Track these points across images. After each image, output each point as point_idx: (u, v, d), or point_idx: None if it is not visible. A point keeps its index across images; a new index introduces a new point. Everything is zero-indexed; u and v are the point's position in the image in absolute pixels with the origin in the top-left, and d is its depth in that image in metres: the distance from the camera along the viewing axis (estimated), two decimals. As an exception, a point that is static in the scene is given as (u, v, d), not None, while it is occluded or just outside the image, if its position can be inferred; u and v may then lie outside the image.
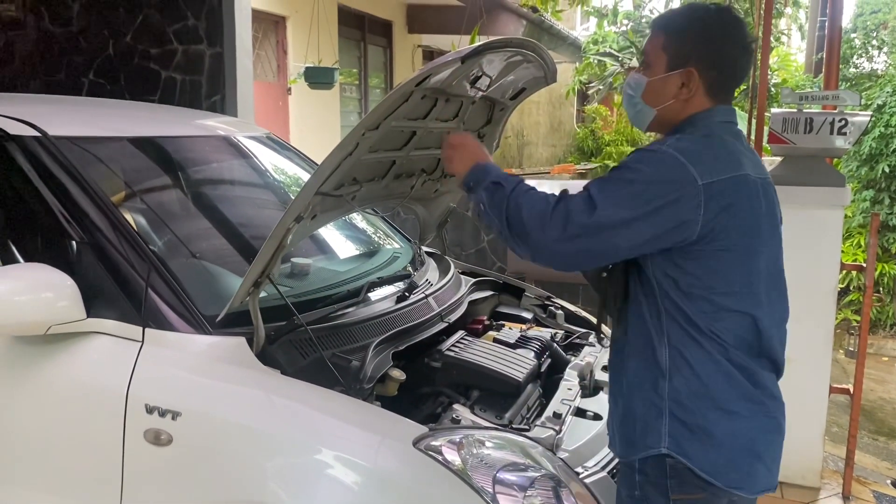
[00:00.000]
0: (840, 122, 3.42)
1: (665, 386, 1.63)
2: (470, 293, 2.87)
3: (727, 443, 1.61)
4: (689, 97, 1.68)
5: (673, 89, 1.68)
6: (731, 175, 1.58)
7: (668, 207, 1.53)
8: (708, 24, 1.69)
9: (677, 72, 1.67)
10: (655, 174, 1.55)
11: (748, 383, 1.62)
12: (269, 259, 1.89)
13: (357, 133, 1.87)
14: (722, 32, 1.68)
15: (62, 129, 2.21)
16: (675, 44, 1.68)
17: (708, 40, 1.67)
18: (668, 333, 1.63)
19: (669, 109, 1.71)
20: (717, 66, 1.67)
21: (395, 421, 1.81)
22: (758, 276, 1.64)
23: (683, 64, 1.66)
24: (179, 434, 1.83)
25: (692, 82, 1.66)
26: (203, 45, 4.54)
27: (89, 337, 1.96)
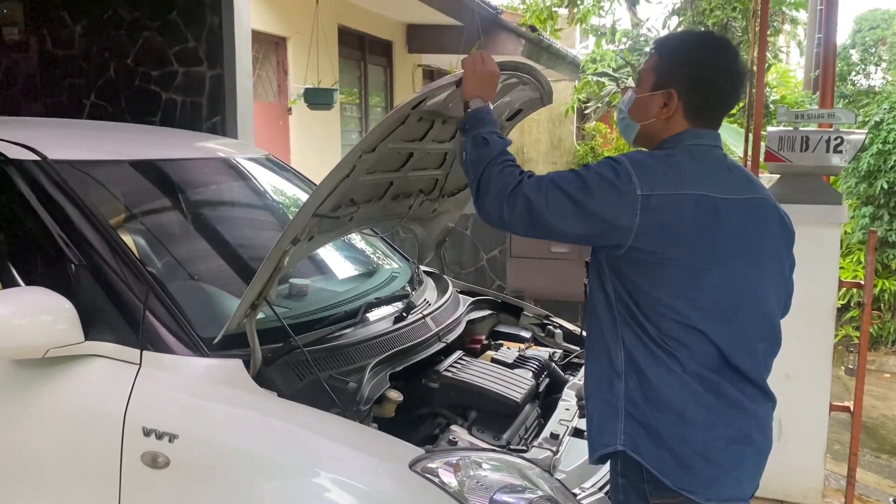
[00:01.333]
0: (836, 140, 3.44)
1: (620, 387, 1.69)
2: (468, 313, 2.87)
3: (676, 446, 1.64)
4: (669, 117, 1.75)
5: (655, 108, 1.75)
6: (674, 192, 1.63)
7: (606, 211, 1.62)
8: (694, 50, 1.76)
9: (659, 92, 1.74)
10: (604, 179, 1.64)
11: (707, 393, 1.66)
12: (265, 281, 1.90)
13: (354, 155, 1.89)
14: (707, 58, 1.74)
15: (61, 153, 2.22)
16: (663, 65, 1.76)
17: (691, 64, 1.73)
18: (623, 337, 1.69)
19: (652, 127, 1.78)
20: (698, 91, 1.73)
21: (392, 443, 1.81)
22: (707, 292, 1.66)
23: (666, 85, 1.73)
24: (176, 457, 1.83)
25: (672, 103, 1.73)
26: (203, 66, 4.58)
27: (87, 360, 1.96)
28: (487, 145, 1.78)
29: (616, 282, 1.70)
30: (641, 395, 1.67)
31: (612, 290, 1.72)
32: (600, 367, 1.74)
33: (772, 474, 3.59)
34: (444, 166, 2.74)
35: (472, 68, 1.91)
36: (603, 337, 1.73)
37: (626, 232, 1.62)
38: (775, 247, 1.77)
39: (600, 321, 1.74)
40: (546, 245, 3.90)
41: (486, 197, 1.73)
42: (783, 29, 11.21)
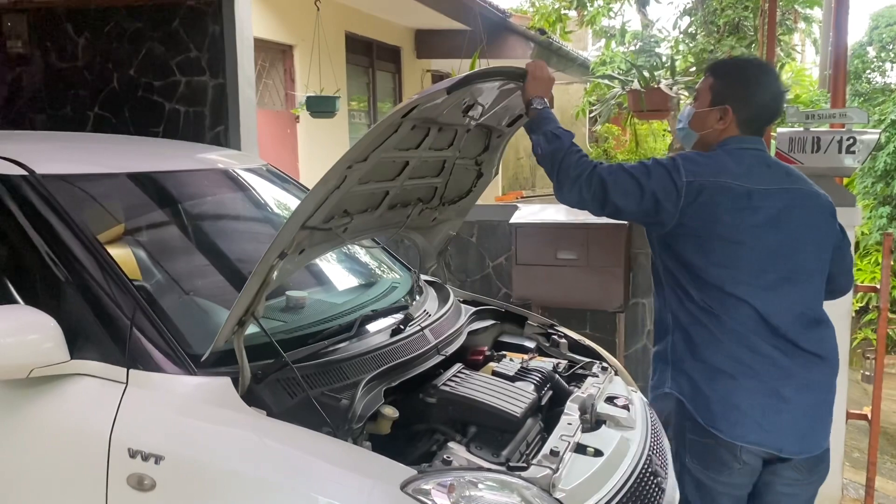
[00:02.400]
0: (848, 141, 3.35)
1: (669, 341, 2.20)
2: (469, 323, 2.81)
3: (707, 391, 2.09)
4: (724, 128, 2.19)
5: (712, 121, 2.20)
6: (713, 180, 2.09)
7: (660, 191, 2.09)
8: (746, 74, 2.21)
9: (717, 108, 2.18)
10: (662, 165, 2.11)
11: (742, 348, 2.06)
12: (252, 297, 1.85)
13: (341, 166, 1.83)
14: (757, 81, 2.18)
15: (50, 168, 2.18)
16: (719, 85, 2.19)
17: (744, 86, 2.17)
18: (670, 301, 2.19)
19: (708, 135, 2.23)
20: (749, 107, 2.17)
21: (383, 463, 1.75)
22: (744, 263, 2.07)
23: (722, 102, 2.17)
24: (163, 479, 1.77)
25: (727, 117, 2.17)
26: (206, 76, 4.56)
27: (73, 379, 1.92)
28: (559, 139, 2.18)
29: (665, 255, 2.18)
30: (684, 348, 2.14)
31: (661, 263, 2.21)
32: (658, 325, 2.27)
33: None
34: (442, 174, 2.68)
35: (534, 73, 2.25)
36: (658, 301, 2.26)
37: (672, 210, 2.08)
38: (813, 230, 2.15)
39: (658, 289, 2.26)
40: (552, 252, 3.82)
41: (566, 182, 2.16)
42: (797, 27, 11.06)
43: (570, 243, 3.78)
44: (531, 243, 3.86)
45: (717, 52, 9.09)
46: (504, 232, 4.12)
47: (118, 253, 2.14)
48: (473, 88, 2.10)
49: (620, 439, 2.26)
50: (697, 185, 2.07)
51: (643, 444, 2.31)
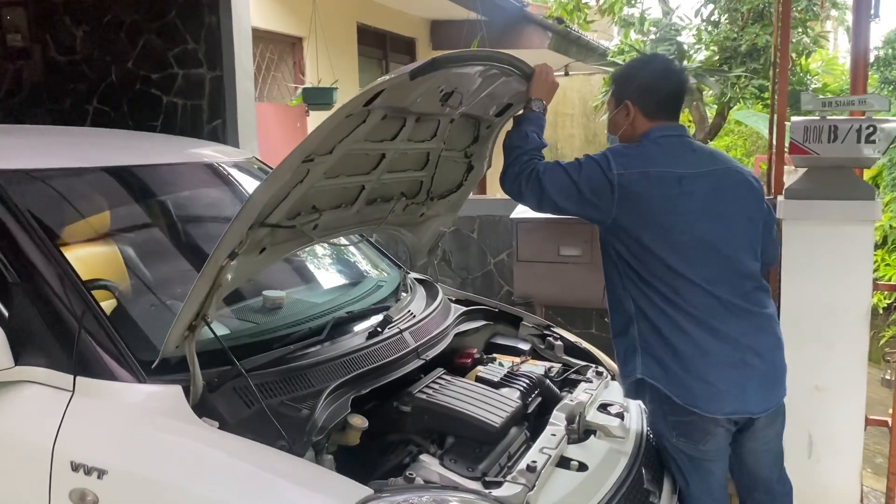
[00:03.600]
0: (868, 130, 3.13)
1: (634, 329, 2.23)
2: (457, 324, 2.66)
3: (681, 372, 2.14)
4: (634, 122, 2.29)
5: (621, 119, 2.32)
6: (642, 170, 2.17)
7: (593, 185, 2.18)
8: (633, 67, 2.42)
9: (620, 107, 2.31)
10: (594, 160, 2.20)
11: (704, 332, 2.14)
12: (202, 300, 1.72)
13: (296, 159, 1.69)
14: (641, 70, 2.34)
15: (6, 163, 2.08)
16: (616, 88, 2.36)
17: (632, 79, 2.32)
18: (629, 290, 2.22)
19: (625, 133, 2.33)
20: (644, 95, 2.28)
21: (337, 481, 1.62)
22: (684, 244, 2.14)
23: (622, 100, 2.31)
24: (105, 494, 1.66)
25: (631, 111, 2.29)
26: (203, 68, 4.45)
27: (18, 386, 1.81)
28: (527, 139, 2.29)
29: (616, 248, 2.22)
30: (651, 335, 2.18)
31: (615, 254, 2.24)
32: (618, 315, 2.29)
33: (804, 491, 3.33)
34: (428, 167, 2.54)
35: (541, 76, 2.35)
36: (615, 291, 2.27)
37: (609, 204, 2.16)
38: (743, 204, 2.25)
39: (612, 279, 2.28)
40: (555, 248, 3.66)
41: (510, 173, 2.27)
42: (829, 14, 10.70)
43: (574, 239, 3.61)
44: (533, 239, 3.70)
45: (741, 41, 8.82)
46: (506, 227, 3.97)
47: (73, 251, 2.03)
48: (447, 74, 1.95)
49: (609, 451, 2.11)
50: (629, 176, 2.16)
51: (635, 457, 2.16)
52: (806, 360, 3.22)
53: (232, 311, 2.30)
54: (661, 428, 2.26)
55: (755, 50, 8.70)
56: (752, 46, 8.69)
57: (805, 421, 3.27)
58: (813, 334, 3.22)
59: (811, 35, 9.00)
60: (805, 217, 3.23)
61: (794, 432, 3.29)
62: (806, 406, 3.25)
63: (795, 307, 3.24)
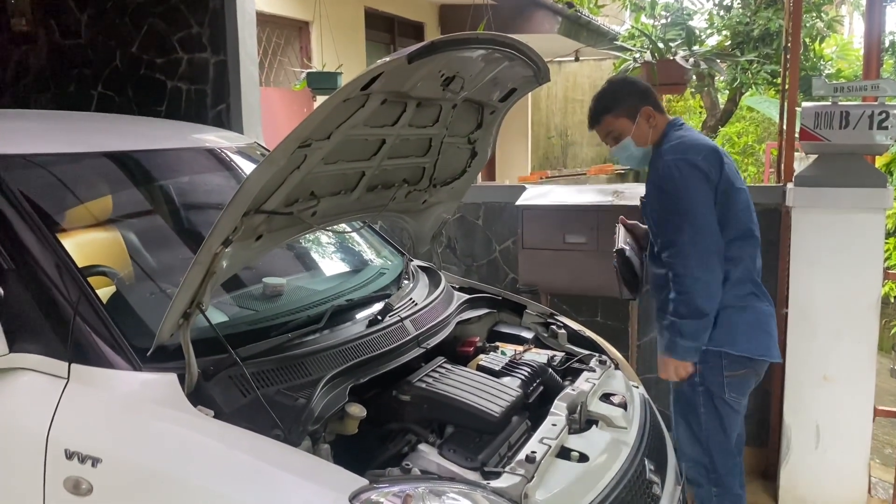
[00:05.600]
0: (881, 115, 3.08)
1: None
2: (460, 312, 2.63)
3: (740, 326, 2.53)
4: (656, 121, 2.62)
5: (645, 127, 2.62)
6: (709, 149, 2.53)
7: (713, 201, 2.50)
8: (620, 84, 2.76)
9: (639, 117, 2.61)
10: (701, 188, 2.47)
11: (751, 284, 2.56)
12: (196, 288, 1.70)
13: (291, 145, 1.66)
14: (626, 80, 2.82)
15: (4, 148, 2.06)
16: (621, 106, 2.63)
17: (630, 89, 2.68)
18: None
19: (653, 138, 2.64)
20: (650, 95, 2.65)
21: (332, 471, 1.60)
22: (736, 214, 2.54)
23: (636, 110, 2.60)
24: (99, 483, 1.65)
25: (652, 114, 2.61)
26: (207, 52, 4.40)
27: (13, 374, 1.80)
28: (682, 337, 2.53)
29: None
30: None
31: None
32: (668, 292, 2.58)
33: (811, 482, 3.29)
34: (430, 153, 2.50)
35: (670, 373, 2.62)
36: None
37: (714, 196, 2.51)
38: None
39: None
40: (561, 236, 3.62)
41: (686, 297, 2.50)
42: None
43: (579, 226, 3.57)
44: (538, 226, 3.66)
45: (753, 25, 8.69)
46: (512, 214, 3.92)
47: (73, 237, 2.01)
48: (447, 58, 1.90)
49: (611, 441, 2.08)
50: (708, 162, 2.48)
51: (637, 447, 2.13)
52: (814, 351, 3.18)
53: (231, 298, 2.28)
54: (713, 390, 2.56)
55: (768, 35, 8.58)
56: (764, 31, 8.58)
57: (813, 411, 3.24)
58: (822, 324, 3.18)
59: (825, 20, 8.86)
60: (815, 205, 3.18)
61: (803, 422, 3.26)
62: (814, 396, 3.21)
63: (804, 296, 3.20)
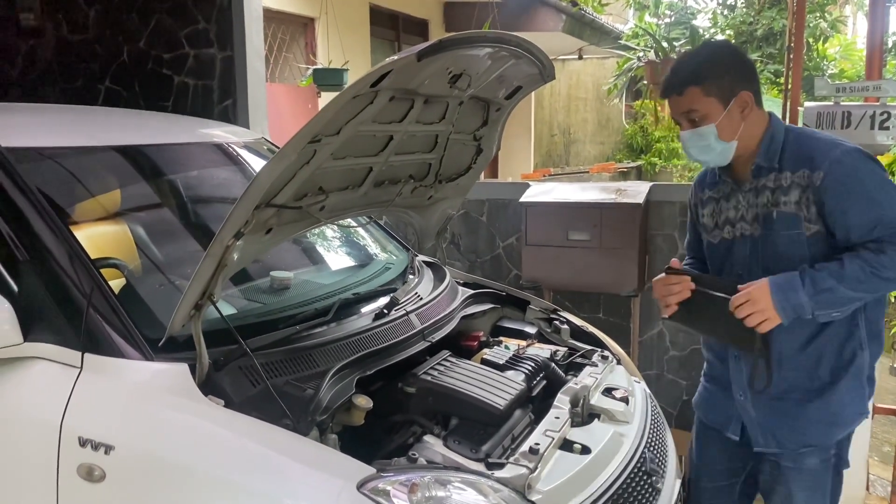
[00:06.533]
0: (882, 116, 3.11)
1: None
2: (464, 307, 2.67)
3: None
4: (751, 112, 2.02)
5: (737, 118, 2.00)
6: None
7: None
8: (723, 52, 2.10)
9: (733, 101, 1.99)
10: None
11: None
12: (208, 279, 1.74)
13: (302, 140, 1.70)
14: (733, 51, 2.13)
15: (16, 140, 2.09)
16: (716, 84, 1.98)
17: (735, 62, 2.03)
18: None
19: (747, 131, 2.02)
20: (752, 77, 2.04)
21: (340, 460, 1.64)
22: None
23: (734, 92, 1.99)
24: (112, 470, 1.69)
25: (749, 101, 2.00)
26: (214, 48, 4.44)
27: (27, 363, 1.84)
28: (831, 289, 1.90)
29: None
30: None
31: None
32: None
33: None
34: (436, 150, 2.54)
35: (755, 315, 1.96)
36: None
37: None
38: None
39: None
40: (564, 233, 3.65)
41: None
42: None
43: (583, 223, 3.61)
44: (542, 223, 3.70)
45: (757, 25, 8.72)
46: (515, 211, 3.96)
47: (83, 229, 2.05)
48: (455, 55, 1.93)
49: (613, 435, 2.11)
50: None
51: (638, 441, 2.16)
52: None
53: (239, 290, 2.31)
54: (844, 451, 2.16)
55: (771, 34, 8.62)
56: (768, 31, 8.61)
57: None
58: (822, 322, 3.19)
59: (829, 20, 8.89)
60: (816, 204, 3.20)
61: (801, 419, 3.28)
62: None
63: (805, 294, 3.22)
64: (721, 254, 2.17)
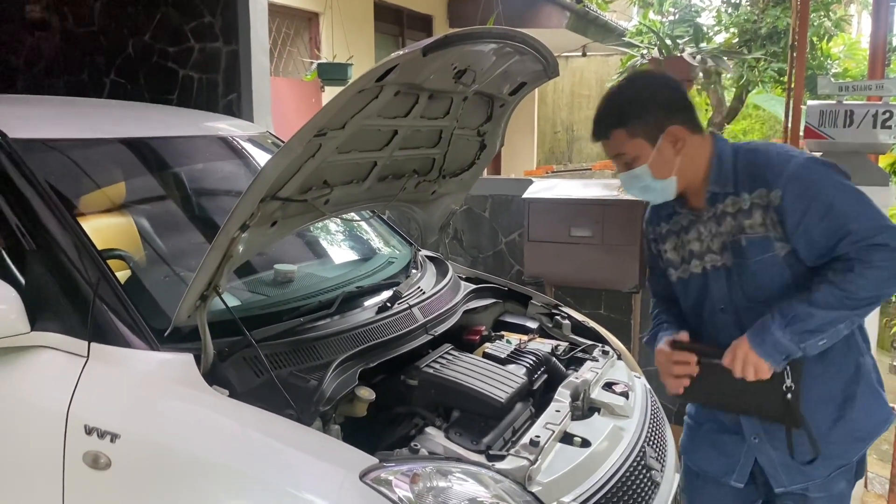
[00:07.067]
0: (885, 115, 3.12)
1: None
2: (466, 302, 2.69)
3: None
4: (685, 145, 1.84)
5: (671, 154, 1.84)
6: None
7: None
8: (642, 87, 1.91)
9: (661, 137, 1.82)
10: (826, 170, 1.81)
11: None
12: (213, 271, 1.75)
13: (307, 133, 1.71)
14: (655, 84, 1.91)
15: (24, 132, 2.11)
16: (640, 124, 1.83)
17: (655, 97, 1.85)
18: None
19: (683, 167, 1.86)
20: (683, 108, 1.86)
21: (343, 450, 1.65)
22: None
23: (661, 128, 1.82)
24: (118, 458, 1.71)
25: (679, 134, 1.83)
26: (219, 42, 4.45)
27: (35, 351, 1.86)
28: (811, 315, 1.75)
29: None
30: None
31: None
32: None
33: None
34: (440, 145, 2.55)
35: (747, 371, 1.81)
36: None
37: None
38: None
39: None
40: (566, 228, 3.67)
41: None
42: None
43: (585, 220, 3.62)
44: (544, 219, 3.71)
45: (761, 23, 8.71)
46: (518, 207, 3.97)
47: (89, 220, 2.06)
48: (460, 51, 1.95)
49: (613, 429, 2.13)
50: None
51: (638, 435, 2.18)
52: (814, 346, 3.22)
53: (244, 283, 2.33)
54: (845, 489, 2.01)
55: (776, 33, 8.59)
56: (772, 29, 8.59)
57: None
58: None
59: (833, 18, 8.86)
60: (818, 201, 3.21)
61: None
62: (813, 391, 3.24)
63: (805, 292, 3.23)
64: (696, 291, 1.97)
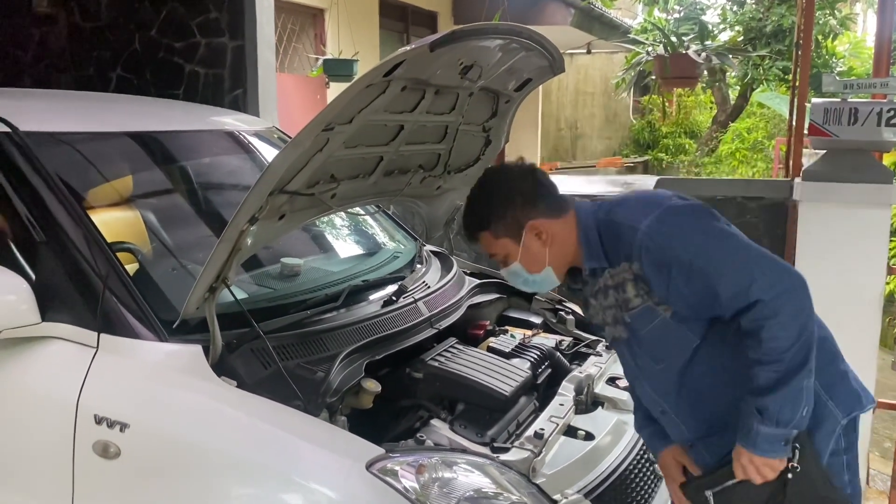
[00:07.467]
0: (889, 113, 3.12)
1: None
2: (471, 296, 2.70)
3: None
4: (552, 235, 1.74)
5: (537, 245, 1.75)
6: None
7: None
8: (495, 187, 1.80)
9: (524, 236, 1.74)
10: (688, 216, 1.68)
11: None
12: (222, 263, 1.77)
13: (316, 128, 1.73)
14: (508, 181, 1.79)
15: (34, 125, 2.13)
16: (500, 224, 1.75)
17: (510, 196, 1.75)
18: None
19: (554, 256, 1.76)
20: (533, 201, 1.75)
21: (350, 440, 1.68)
22: None
23: (521, 227, 1.74)
24: (127, 447, 1.73)
25: (542, 227, 1.73)
26: (225, 37, 4.46)
27: (45, 342, 1.88)
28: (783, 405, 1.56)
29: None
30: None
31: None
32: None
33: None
34: (445, 140, 2.56)
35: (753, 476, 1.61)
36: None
37: None
38: None
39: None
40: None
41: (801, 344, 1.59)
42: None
43: (589, 216, 3.62)
44: (548, 215, 3.71)
45: (766, 22, 8.71)
46: (522, 203, 3.97)
47: (97, 213, 2.08)
48: (467, 46, 1.96)
49: (616, 422, 2.15)
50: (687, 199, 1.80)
51: (641, 429, 2.20)
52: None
53: (251, 276, 2.35)
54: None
55: (780, 31, 8.60)
56: (777, 27, 8.60)
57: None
58: (825, 317, 3.19)
59: (838, 17, 8.86)
60: (822, 199, 3.23)
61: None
62: (815, 387, 3.26)
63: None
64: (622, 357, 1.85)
